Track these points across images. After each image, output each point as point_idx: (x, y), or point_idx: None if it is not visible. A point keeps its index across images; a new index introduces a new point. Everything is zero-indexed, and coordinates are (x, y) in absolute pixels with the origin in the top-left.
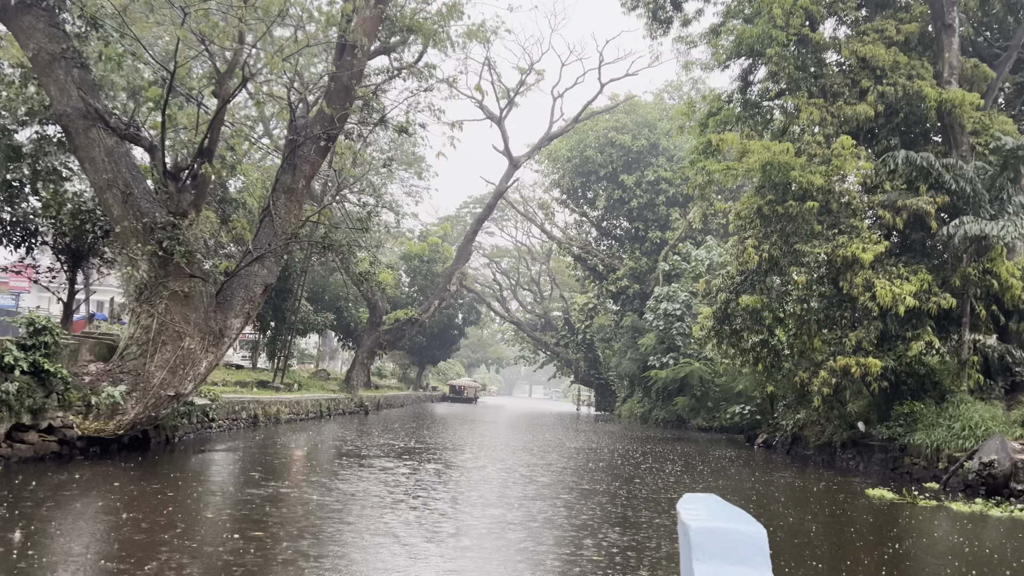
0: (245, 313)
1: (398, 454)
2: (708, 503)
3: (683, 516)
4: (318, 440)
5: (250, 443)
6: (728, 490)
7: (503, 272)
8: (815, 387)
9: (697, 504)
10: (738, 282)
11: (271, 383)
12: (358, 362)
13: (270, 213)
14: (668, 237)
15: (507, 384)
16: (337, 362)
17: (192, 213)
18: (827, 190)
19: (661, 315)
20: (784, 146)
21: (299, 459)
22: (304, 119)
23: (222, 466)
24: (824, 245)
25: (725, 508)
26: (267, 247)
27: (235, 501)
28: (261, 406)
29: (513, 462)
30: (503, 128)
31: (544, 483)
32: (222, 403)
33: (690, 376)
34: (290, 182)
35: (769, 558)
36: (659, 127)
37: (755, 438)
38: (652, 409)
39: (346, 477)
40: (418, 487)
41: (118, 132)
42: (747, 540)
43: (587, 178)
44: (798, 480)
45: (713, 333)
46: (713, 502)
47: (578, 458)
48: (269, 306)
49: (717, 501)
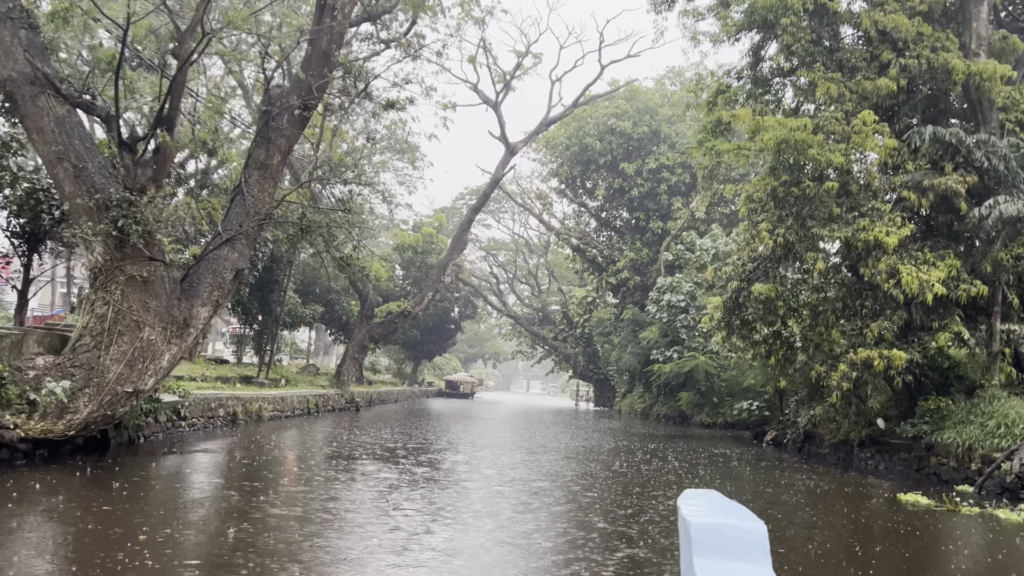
0: (213, 301)
1: (385, 456)
2: (708, 498)
3: (683, 511)
4: (300, 440)
5: (224, 444)
6: (745, 495)
7: (500, 265)
8: (833, 381)
9: (697, 499)
10: (750, 270)
11: (256, 379)
12: (348, 356)
13: (242, 191)
14: (670, 227)
15: (504, 379)
16: (331, 357)
17: (151, 189)
18: (846, 170)
19: (664, 307)
20: (801, 122)
21: (272, 463)
22: (280, 88)
23: (184, 472)
24: (844, 229)
25: (725, 504)
26: (238, 228)
27: (184, 518)
28: (241, 403)
29: (509, 463)
30: (499, 113)
31: (542, 494)
32: (196, 400)
33: (695, 370)
34: (264, 157)
35: (769, 553)
36: (661, 114)
37: (763, 435)
38: (653, 405)
39: (322, 485)
40: (403, 497)
41: (70, 100)
42: (747, 536)
43: (586, 167)
44: (818, 482)
45: (722, 324)
46: (713, 498)
47: (579, 459)
48: (255, 298)
49: (717, 497)
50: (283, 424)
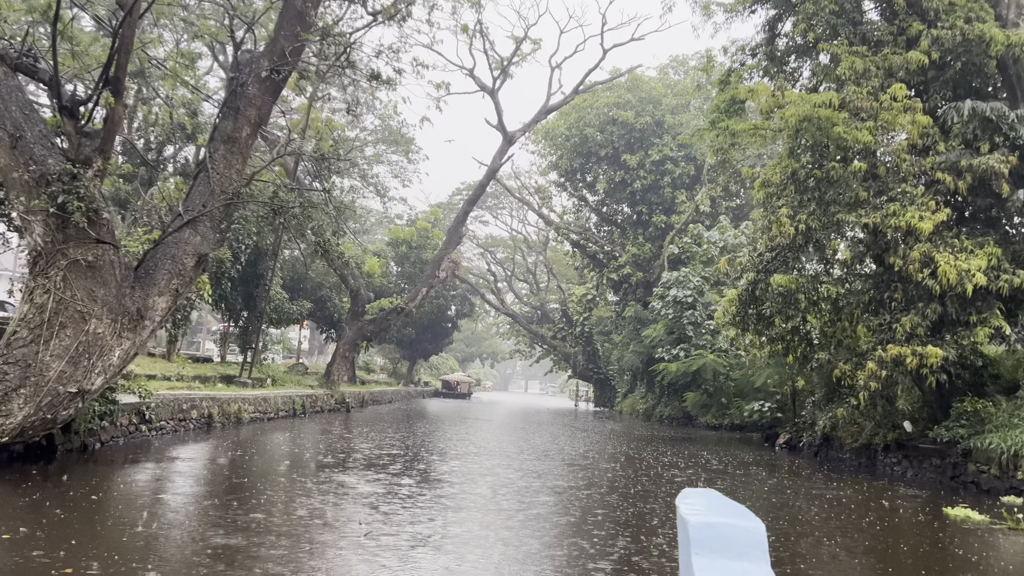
0: (173, 290)
1: (370, 465)
2: (707, 498)
3: (682, 511)
4: (277, 446)
5: (191, 451)
6: (769, 509)
7: (498, 262)
8: (860, 381)
9: (696, 499)
10: (767, 259)
11: (238, 378)
12: (339, 355)
13: (206, 168)
14: (674, 221)
15: (503, 379)
16: (326, 357)
17: (98, 161)
18: (872, 151)
19: (670, 303)
20: (826, 96)
21: (237, 474)
22: (249, 53)
23: (132, 486)
24: (871, 214)
25: (724, 503)
26: (201, 209)
27: (119, 546)
28: (217, 404)
29: (506, 474)
30: (496, 100)
31: (546, 512)
32: (164, 401)
33: (703, 369)
34: (231, 129)
35: (767, 552)
36: (664, 103)
37: (775, 438)
38: (656, 405)
39: (287, 504)
40: (383, 520)
41: (7, 61)
42: (746, 535)
43: (586, 159)
44: (846, 492)
45: (737, 319)
46: (712, 497)
47: (583, 467)
48: (238, 293)
49: (716, 496)
50: (264, 427)
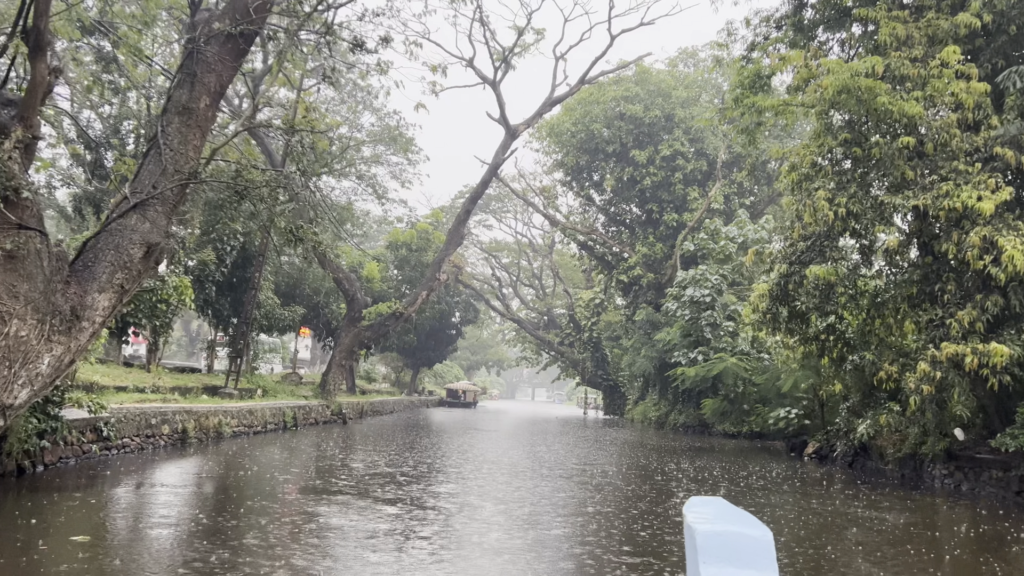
0: (116, 286)
1: (359, 488)
2: (715, 506)
3: (689, 519)
4: (255, 465)
5: (153, 472)
6: (823, 538)
7: (502, 267)
8: (910, 384)
9: (704, 507)
10: (801, 250)
11: (223, 388)
12: (335, 363)
13: (158, 144)
14: (686, 219)
15: (509, 387)
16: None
17: (17, 130)
18: (918, 125)
19: (686, 303)
20: (868, 63)
21: (195, 504)
22: (208, 11)
23: (59, 519)
24: (921, 195)
25: (731, 511)
26: (151, 191)
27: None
28: (194, 418)
29: (514, 496)
30: (498, 92)
31: (560, 547)
32: (130, 415)
33: (724, 374)
34: (187, 99)
35: (775, 561)
36: (675, 96)
37: (801, 448)
38: (669, 412)
39: (241, 550)
40: (369, 567)
41: None
42: (754, 543)
43: (593, 156)
44: (900, 511)
45: (768, 317)
46: (720, 505)
47: (599, 487)
48: (226, 299)
49: (723, 504)
50: (247, 443)
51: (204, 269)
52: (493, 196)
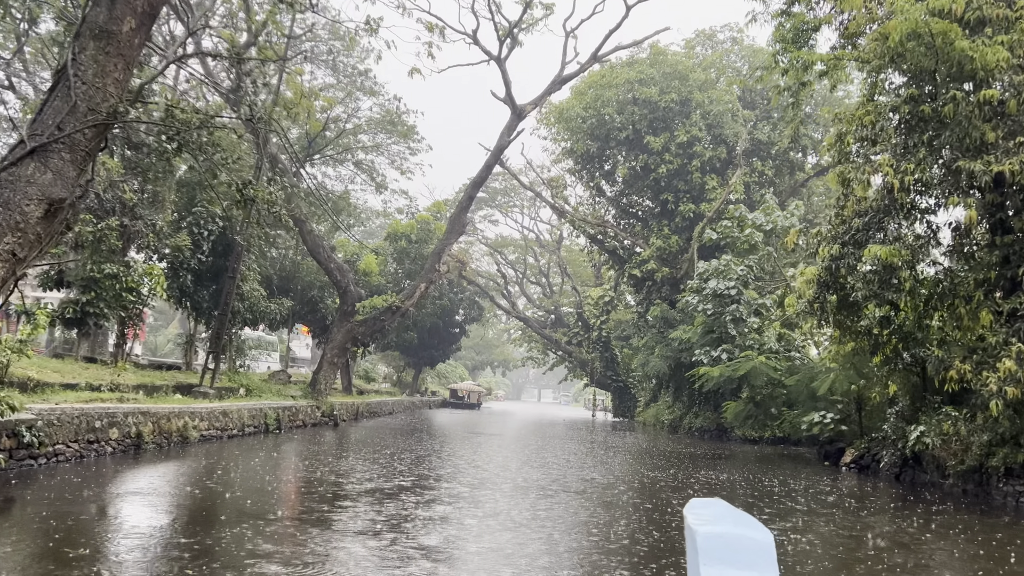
0: (6, 252)
1: (329, 507)
2: (715, 508)
3: (690, 521)
4: (210, 477)
5: (74, 487)
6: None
7: (508, 264)
8: (991, 385)
9: (704, 509)
10: (857, 227)
11: (198, 387)
12: (326, 361)
13: (67, 75)
14: (704, 210)
15: (515, 388)
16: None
17: None
18: (994, 79)
19: (708, 296)
20: (941, 1)
21: (107, 531)
22: None
23: None
24: (1005, 160)
25: (732, 513)
26: (56, 132)
27: None
28: (152, 420)
29: (516, 520)
30: (504, 69)
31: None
32: (66, 416)
33: (752, 374)
34: (105, 20)
35: (776, 563)
36: (692, 79)
37: (836, 455)
38: (684, 415)
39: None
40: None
41: None
42: (754, 545)
43: (604, 143)
44: (988, 540)
45: (815, 307)
46: (720, 507)
47: (615, 504)
48: (204, 289)
49: (724, 505)
50: (216, 448)
51: (178, 255)
52: (499, 190)
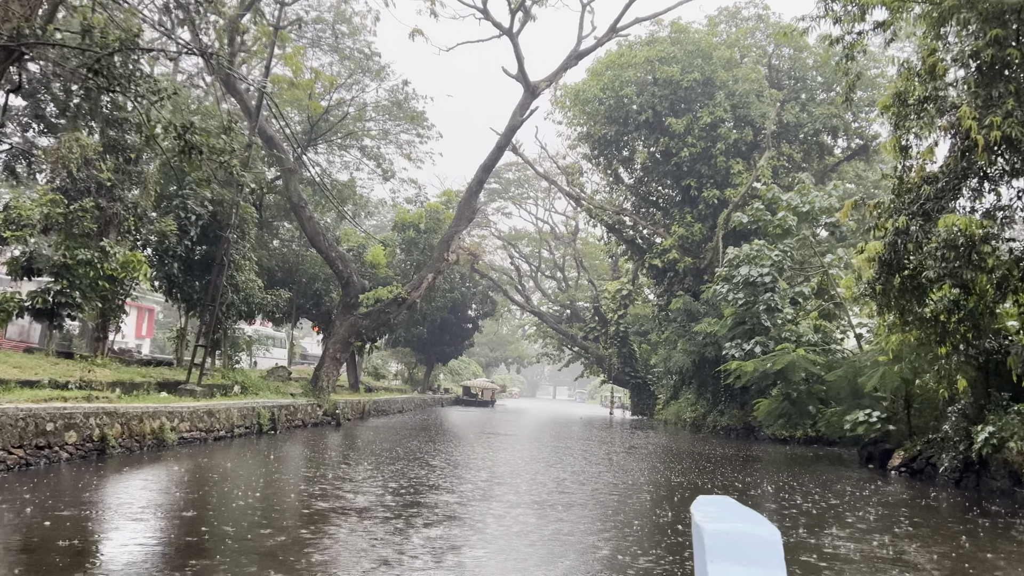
0: None
1: (306, 532)
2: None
3: (697, 518)
4: (166, 492)
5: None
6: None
7: (523, 257)
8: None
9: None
10: (928, 195)
11: (184, 384)
12: (328, 356)
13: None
14: (729, 195)
15: (530, 385)
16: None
17: None
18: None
19: (739, 285)
20: None
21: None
22: None
23: None
24: None
25: (739, 510)
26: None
27: None
28: (119, 421)
29: (525, 548)
30: (516, 43)
31: None
32: (7, 418)
33: (789, 369)
34: None
35: (783, 560)
36: (715, 57)
37: (882, 458)
38: (708, 413)
39: None
40: None
41: None
42: (761, 542)
43: (623, 126)
44: None
45: (877, 290)
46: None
47: (644, 516)
48: (197, 279)
49: (731, 503)
50: (197, 452)
51: (164, 242)
52: (512, 180)
